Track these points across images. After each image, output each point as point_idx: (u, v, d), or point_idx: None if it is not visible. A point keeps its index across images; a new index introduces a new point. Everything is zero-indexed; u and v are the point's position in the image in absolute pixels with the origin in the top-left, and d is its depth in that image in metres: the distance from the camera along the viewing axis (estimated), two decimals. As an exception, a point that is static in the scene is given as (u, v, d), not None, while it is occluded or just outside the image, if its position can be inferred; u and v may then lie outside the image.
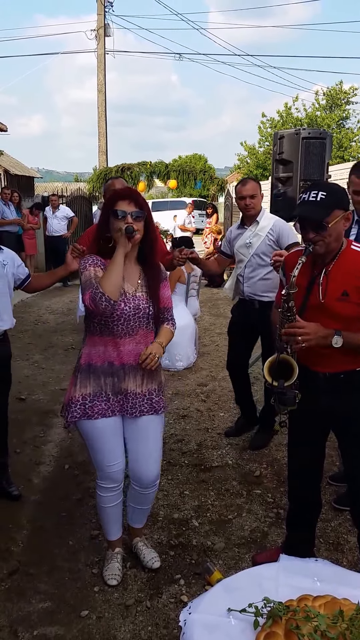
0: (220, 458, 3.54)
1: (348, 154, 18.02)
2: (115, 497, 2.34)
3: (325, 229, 1.91)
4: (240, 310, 3.66)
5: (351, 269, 1.97)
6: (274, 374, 2.01)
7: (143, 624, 2.18)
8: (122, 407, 2.19)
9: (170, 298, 2.31)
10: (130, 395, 2.19)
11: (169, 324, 2.28)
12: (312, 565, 1.88)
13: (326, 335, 1.94)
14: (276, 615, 1.57)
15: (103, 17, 15.97)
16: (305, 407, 2.07)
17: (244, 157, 21.17)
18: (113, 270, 2.02)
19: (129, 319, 2.11)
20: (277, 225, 3.43)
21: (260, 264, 3.43)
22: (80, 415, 2.16)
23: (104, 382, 2.16)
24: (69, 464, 3.43)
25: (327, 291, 1.99)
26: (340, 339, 1.94)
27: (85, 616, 2.21)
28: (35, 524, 2.82)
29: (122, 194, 2.11)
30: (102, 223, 2.14)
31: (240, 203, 3.42)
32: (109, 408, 2.17)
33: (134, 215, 2.05)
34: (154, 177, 14.74)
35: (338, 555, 2.58)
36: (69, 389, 2.22)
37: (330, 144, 4.16)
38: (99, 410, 2.16)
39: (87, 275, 2.07)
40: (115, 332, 2.12)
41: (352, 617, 1.54)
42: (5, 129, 11.77)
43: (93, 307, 2.01)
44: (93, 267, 2.09)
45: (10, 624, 2.17)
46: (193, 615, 1.69)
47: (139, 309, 2.12)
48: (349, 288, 1.96)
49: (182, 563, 2.53)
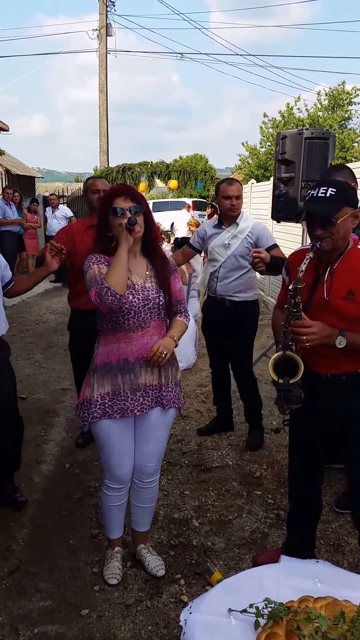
0: (220, 459, 3.54)
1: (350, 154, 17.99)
2: (120, 498, 2.36)
3: (333, 226, 1.90)
4: (211, 308, 3.65)
5: (357, 268, 1.97)
6: (279, 372, 2.01)
7: (143, 623, 2.18)
8: (142, 405, 2.17)
9: (182, 290, 2.29)
10: (149, 388, 2.18)
11: (182, 316, 2.26)
12: (313, 567, 1.88)
13: (330, 335, 1.94)
14: (277, 616, 1.57)
15: (105, 17, 15.98)
16: (306, 407, 2.07)
17: (245, 157, 21.15)
18: (117, 265, 2.01)
19: (139, 311, 2.09)
20: (256, 228, 3.41)
21: (236, 266, 3.42)
22: (101, 415, 2.14)
23: (121, 381, 2.14)
24: (70, 463, 3.44)
25: (332, 289, 1.99)
26: (344, 340, 1.94)
27: (86, 615, 2.21)
28: (35, 522, 2.82)
29: (118, 191, 2.11)
30: (101, 223, 2.13)
31: (226, 203, 3.36)
32: (128, 408, 2.15)
33: (132, 210, 2.06)
34: (155, 178, 14.74)
35: (339, 557, 2.58)
36: (84, 388, 2.21)
37: (333, 144, 4.15)
38: (118, 410, 2.14)
39: (91, 273, 2.06)
40: (127, 326, 2.10)
41: (354, 618, 1.54)
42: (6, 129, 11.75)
43: (99, 303, 1.99)
44: (97, 264, 2.08)
45: (11, 621, 2.18)
46: (194, 615, 1.69)
47: (148, 299, 2.11)
48: (354, 287, 1.96)
49: (182, 563, 2.53)
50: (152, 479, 2.37)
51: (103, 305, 1.99)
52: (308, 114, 19.57)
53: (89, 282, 2.05)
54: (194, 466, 3.43)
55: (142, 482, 2.36)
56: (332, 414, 2.13)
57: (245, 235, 3.39)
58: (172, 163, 15.79)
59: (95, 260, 2.10)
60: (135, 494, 2.40)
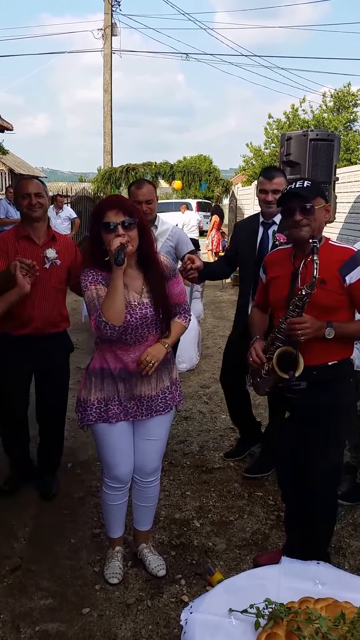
0: (222, 460, 3.54)
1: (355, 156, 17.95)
2: (121, 496, 2.36)
3: (312, 212, 2.04)
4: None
5: (329, 259, 2.05)
6: (282, 367, 2.08)
7: (144, 622, 2.19)
8: (137, 412, 2.20)
9: (183, 292, 2.28)
10: (144, 399, 2.19)
11: (181, 317, 2.26)
12: (313, 568, 1.89)
13: (320, 327, 2.03)
14: (277, 617, 1.58)
15: (110, 16, 16.01)
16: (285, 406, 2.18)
17: (250, 158, 21.13)
18: (114, 297, 1.96)
19: (136, 328, 2.09)
20: (175, 231, 3.28)
21: None
22: (96, 418, 2.17)
23: (118, 388, 2.16)
24: (72, 463, 3.44)
25: (306, 280, 2.05)
26: (333, 330, 2.03)
27: (87, 614, 2.22)
28: (37, 521, 2.83)
29: (108, 204, 2.03)
30: (94, 237, 2.06)
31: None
32: (122, 412, 2.18)
33: (125, 223, 1.98)
34: (159, 178, 14.76)
35: (340, 559, 2.58)
36: (81, 387, 2.23)
37: (338, 146, 4.17)
38: (113, 415, 2.16)
39: (89, 295, 2.04)
40: (125, 341, 2.11)
41: (354, 620, 1.55)
42: (10, 128, 11.77)
43: (98, 334, 2.02)
44: (94, 285, 2.05)
45: (13, 619, 2.19)
46: (194, 614, 1.70)
47: (145, 317, 2.09)
48: (326, 276, 2.03)
49: (183, 563, 2.54)
50: (152, 478, 2.37)
51: (102, 336, 2.02)
52: (313, 115, 19.54)
53: (88, 306, 2.06)
54: (195, 467, 3.43)
55: (143, 481, 2.37)
56: (308, 409, 2.15)
57: (166, 238, 3.23)
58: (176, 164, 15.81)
59: (92, 280, 2.06)
60: (136, 493, 2.41)
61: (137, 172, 14.19)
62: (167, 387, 2.26)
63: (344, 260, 2.06)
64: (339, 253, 2.09)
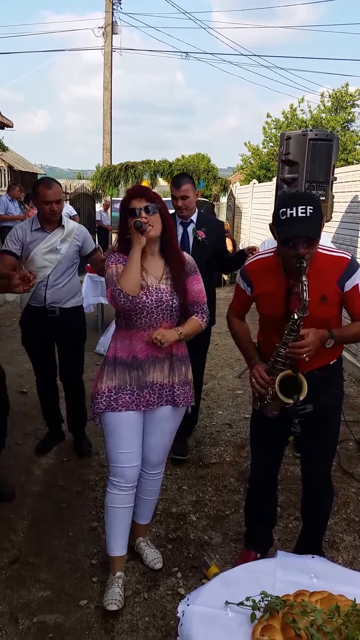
0: (218, 455, 3.57)
1: (352, 157, 17.99)
2: (124, 499, 2.27)
3: (317, 243, 1.95)
4: (36, 322, 3.24)
5: (326, 272, 2.00)
6: (284, 391, 2.03)
7: (140, 614, 2.21)
8: (148, 401, 2.21)
9: (202, 291, 2.29)
10: (156, 386, 2.21)
11: (198, 316, 2.26)
12: (308, 562, 1.91)
13: (322, 338, 1.99)
14: (273, 609, 1.60)
15: (111, 15, 15.95)
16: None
17: (248, 157, 21.13)
18: (130, 267, 2.07)
19: (151, 311, 2.13)
20: (81, 230, 3.28)
21: (66, 270, 3.22)
22: (105, 407, 2.18)
23: (129, 376, 2.18)
24: (70, 457, 3.46)
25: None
26: (332, 341, 2.00)
27: (84, 605, 2.24)
28: (35, 514, 2.85)
29: (133, 193, 2.16)
30: (123, 224, 2.19)
31: (46, 208, 3.06)
32: (134, 402, 2.18)
33: (149, 209, 2.10)
34: (158, 176, 14.73)
35: (334, 553, 2.61)
36: (96, 381, 2.25)
37: (337, 145, 4.18)
38: (123, 403, 2.18)
39: (109, 272, 2.14)
40: (139, 325, 2.15)
41: (348, 612, 1.56)
42: (11, 125, 11.76)
43: (114, 304, 2.08)
44: (115, 264, 2.15)
45: (11, 610, 2.21)
46: (191, 606, 1.72)
47: (161, 301, 2.14)
48: (326, 292, 1.99)
49: (179, 556, 2.56)
50: (156, 471, 2.39)
51: (117, 305, 2.08)
52: (311, 115, 19.57)
53: (106, 282, 2.13)
54: (192, 462, 3.46)
55: (147, 472, 2.37)
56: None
57: (73, 237, 3.23)
58: (175, 162, 15.81)
59: (114, 260, 2.16)
60: (139, 485, 2.41)
61: (136, 170, 14.15)
62: (182, 381, 2.26)
63: (342, 270, 2.00)
64: (333, 262, 2.02)
